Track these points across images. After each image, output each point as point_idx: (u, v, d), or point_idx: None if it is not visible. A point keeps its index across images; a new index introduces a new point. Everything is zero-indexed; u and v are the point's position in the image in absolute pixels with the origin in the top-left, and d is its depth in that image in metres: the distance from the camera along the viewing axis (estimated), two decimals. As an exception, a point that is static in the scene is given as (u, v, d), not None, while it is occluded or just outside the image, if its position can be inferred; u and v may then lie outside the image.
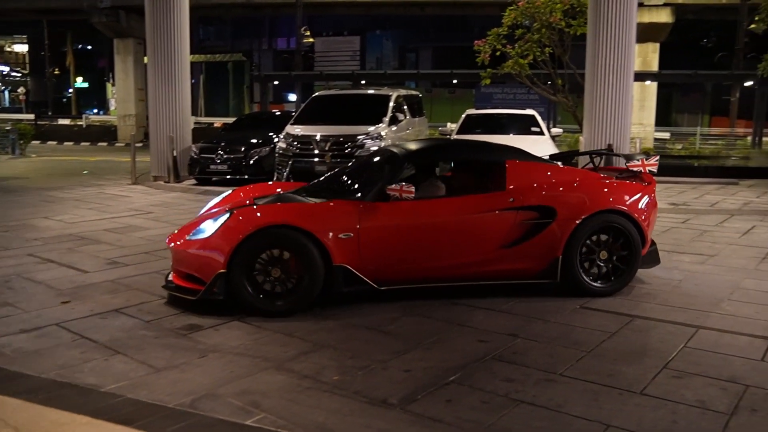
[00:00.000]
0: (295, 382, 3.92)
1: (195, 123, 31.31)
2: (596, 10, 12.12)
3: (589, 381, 3.93)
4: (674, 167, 16.62)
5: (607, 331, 4.77)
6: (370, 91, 13.30)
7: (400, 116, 12.24)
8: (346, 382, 3.92)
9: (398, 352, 4.38)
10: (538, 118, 12.33)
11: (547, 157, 6.85)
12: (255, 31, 47.19)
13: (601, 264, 5.67)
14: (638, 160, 6.28)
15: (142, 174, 14.37)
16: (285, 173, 11.33)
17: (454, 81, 30.59)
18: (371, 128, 11.22)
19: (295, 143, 11.35)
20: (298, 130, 11.62)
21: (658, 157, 6.36)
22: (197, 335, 4.73)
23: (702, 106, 41.34)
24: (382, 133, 11.23)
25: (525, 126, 12.07)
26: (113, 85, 35.63)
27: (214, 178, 13.27)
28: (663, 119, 36.82)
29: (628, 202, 5.75)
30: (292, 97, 36.00)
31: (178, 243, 5.45)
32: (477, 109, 15.23)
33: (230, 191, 6.60)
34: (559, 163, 6.62)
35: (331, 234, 5.15)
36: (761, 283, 6.18)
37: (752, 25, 19.04)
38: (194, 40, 44.79)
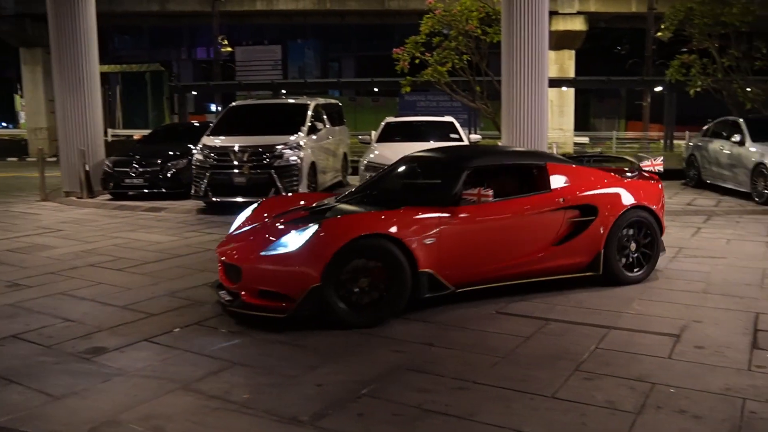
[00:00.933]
0: (202, 403, 3.78)
1: (113, 135, 30.45)
2: (509, 18, 12.35)
3: (502, 387, 3.94)
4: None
5: (521, 336, 4.81)
6: (288, 101, 13.16)
7: (319, 125, 12.15)
8: (256, 400, 3.81)
9: (312, 367, 4.29)
10: (457, 124, 12.48)
11: None
12: (174, 40, 46.20)
13: (633, 255, 6.27)
14: (649, 161, 6.97)
15: (54, 190, 13.78)
16: (203, 186, 11.07)
17: (375, 89, 30.72)
18: (290, 138, 11.09)
19: (212, 155, 11.10)
20: (215, 141, 11.38)
21: (662, 158, 7.05)
22: (101, 358, 4.51)
23: (618, 111, 42.91)
24: (301, 143, 11.11)
25: (444, 133, 12.18)
26: (22, 97, 34.17)
27: (130, 193, 12.85)
28: (582, 124, 37.97)
29: (650, 198, 6.43)
30: (216, 107, 35.39)
31: (252, 258, 5.20)
32: (400, 116, 15.30)
33: (255, 206, 6.40)
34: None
35: (416, 240, 5.18)
36: (670, 281, 6.38)
37: (659, 33, 19.82)
38: (109, 49, 43.60)
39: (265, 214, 6.11)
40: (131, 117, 41.14)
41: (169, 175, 12.71)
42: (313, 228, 5.09)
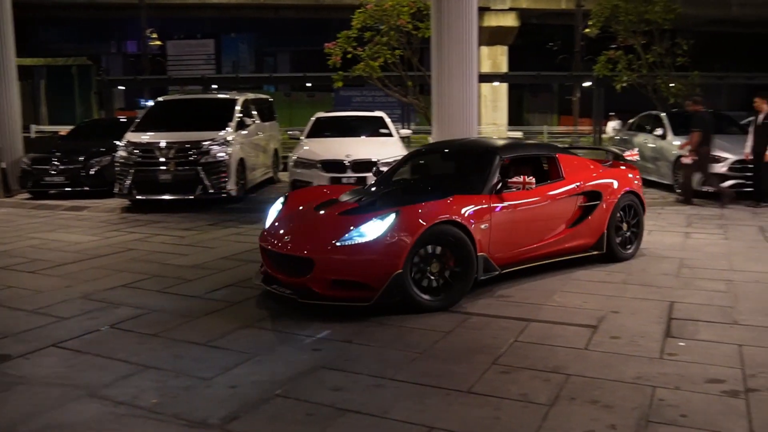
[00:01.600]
0: (108, 410, 3.62)
1: (36, 132, 29.25)
2: (438, 13, 12.37)
3: (419, 383, 3.90)
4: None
5: (441, 331, 4.80)
6: (216, 96, 12.89)
7: (249, 121, 11.94)
8: (165, 404, 3.68)
9: (226, 368, 4.18)
10: (387, 120, 12.45)
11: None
12: (104, 34, 44.83)
13: (625, 234, 7.01)
14: (628, 152, 8.02)
15: (-32, 189, 13.15)
16: (127, 184, 10.72)
17: (308, 84, 30.45)
18: (218, 134, 10.85)
19: (137, 151, 10.77)
20: (140, 137, 11.04)
21: (637, 149, 8.23)
22: (4, 366, 4.29)
23: (551, 106, 43.78)
24: (229, 139, 10.88)
25: (374, 128, 12.15)
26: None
27: (50, 191, 12.35)
28: (516, 119, 38.60)
29: (636, 183, 7.23)
30: (151, 103, 34.38)
31: (326, 249, 5.19)
32: (333, 112, 15.16)
33: (282, 199, 6.36)
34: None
35: (475, 226, 5.53)
36: (591, 273, 6.49)
37: (587, 30, 20.24)
38: (36, 42, 41.91)
39: (300, 207, 6.09)
40: (57, 112, 39.73)
41: (92, 172, 12.26)
42: (393, 216, 5.21)
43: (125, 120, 15.19)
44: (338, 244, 5.17)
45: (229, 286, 6.15)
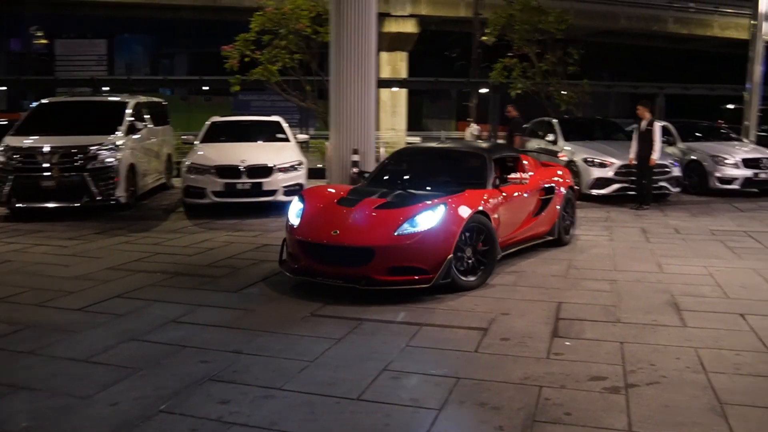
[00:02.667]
0: (-29, 435, 3.37)
1: None
2: (338, 18, 12.35)
3: (308, 393, 3.85)
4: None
5: (333, 338, 4.76)
6: (106, 98, 12.35)
7: (140, 125, 11.49)
8: (37, 428, 3.45)
9: (107, 385, 3.97)
10: (284, 124, 12.30)
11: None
12: (-15, 30, 42.21)
13: (565, 223, 8.15)
14: (561, 152, 10.46)
15: None
16: (5, 191, 10.07)
17: (205, 87, 29.79)
18: (106, 138, 10.38)
19: (17, 156, 10.14)
20: (20, 141, 10.41)
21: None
22: None
23: (449, 112, 44.66)
24: (119, 143, 10.43)
25: (270, 133, 11.97)
26: None
27: None
28: (415, 124, 39.09)
29: (570, 180, 8.59)
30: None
31: (386, 239, 5.73)
32: (229, 116, 14.85)
33: (299, 199, 6.65)
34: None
35: (492, 215, 6.42)
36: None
37: (484, 38, 20.81)
38: None
39: (321, 204, 6.44)
40: (-67, 114, 37.09)
41: (-35, 178, 11.43)
42: (442, 207, 5.94)
43: (6, 123, 14.34)
44: (396, 234, 5.77)
45: (114, 297, 5.88)
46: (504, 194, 6.86)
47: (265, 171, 10.33)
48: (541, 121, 15.24)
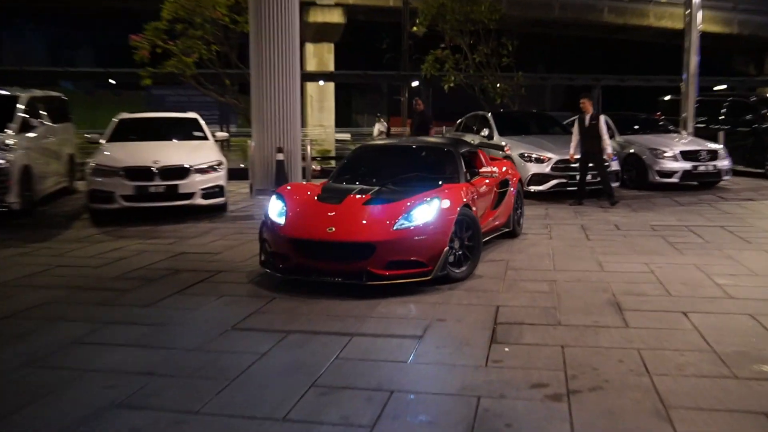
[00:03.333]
0: None
1: None
2: (258, 6, 12.21)
3: (229, 415, 3.71)
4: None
5: (256, 353, 4.63)
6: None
7: (35, 122, 10.96)
8: None
9: (1, 418, 3.74)
10: (201, 121, 12.02)
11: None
12: None
13: (516, 214, 8.83)
14: (507, 146, 11.72)
15: None
16: None
17: (112, 81, 28.93)
18: (-4, 137, 9.86)
19: None
20: None
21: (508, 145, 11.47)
22: None
23: (380, 107, 44.82)
24: (9, 142, 9.87)
25: (187, 131, 11.68)
26: None
27: None
28: (344, 120, 39.11)
29: (518, 174, 9.33)
30: None
31: (386, 234, 6.12)
32: (140, 113, 14.43)
33: (276, 198, 6.91)
34: None
35: (473, 208, 6.97)
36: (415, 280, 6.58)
37: (414, 28, 20.92)
38: None
39: (303, 203, 6.81)
40: None
41: None
42: (436, 200, 6.42)
43: None
44: (395, 228, 6.17)
45: (8, 317, 5.57)
46: (476, 187, 7.49)
47: (181, 172, 10.07)
48: (475, 115, 15.41)
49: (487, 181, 7.89)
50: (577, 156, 11.64)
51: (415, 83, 26.64)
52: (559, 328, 5.15)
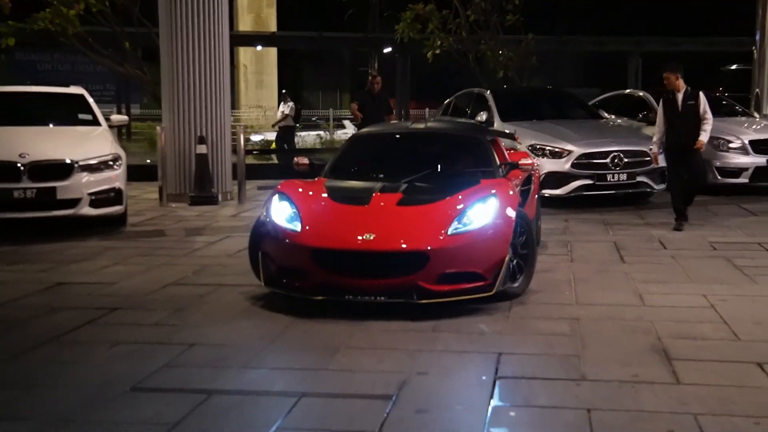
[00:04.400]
0: None
1: None
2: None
3: None
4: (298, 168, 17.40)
5: (164, 424, 4.55)
6: None
7: None
8: None
9: None
10: (90, 99, 11.90)
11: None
12: None
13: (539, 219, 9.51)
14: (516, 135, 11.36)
15: None
16: None
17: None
18: None
19: None
20: None
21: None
22: None
23: (340, 82, 44.95)
24: None
25: (69, 112, 11.56)
26: None
27: None
28: (292, 99, 39.08)
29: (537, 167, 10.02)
30: None
31: (440, 240, 6.65)
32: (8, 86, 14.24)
33: (279, 195, 7.39)
34: None
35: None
36: (387, 315, 6.56)
37: (386, -28, 20.98)
38: None
39: (318, 204, 7.31)
40: None
41: None
42: (492, 198, 6.98)
43: None
44: (449, 233, 6.68)
45: None
46: (513, 183, 8.03)
47: (61, 170, 10.00)
48: (468, 94, 15.49)
49: (519, 176, 8.52)
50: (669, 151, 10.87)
51: (387, 49, 26.75)
52: (583, 384, 5.14)
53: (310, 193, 7.54)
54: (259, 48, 29.57)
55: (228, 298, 7.36)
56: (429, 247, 6.59)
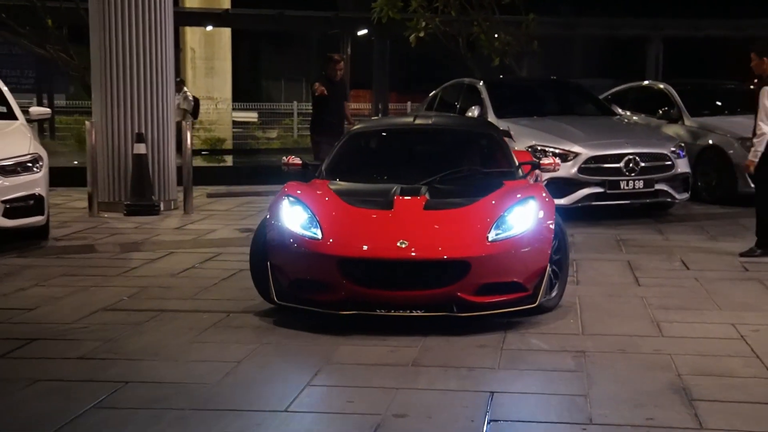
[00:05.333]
0: None
1: None
2: None
3: None
4: (264, 169, 17.45)
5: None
6: None
7: None
8: None
9: None
10: (4, 88, 11.83)
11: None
12: None
13: None
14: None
15: None
16: None
17: None
18: None
19: None
20: None
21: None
22: None
23: (306, 70, 44.92)
24: None
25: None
26: None
27: None
28: (249, 90, 39.03)
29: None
30: None
31: (481, 247, 7.10)
32: None
33: (291, 198, 7.68)
34: None
35: None
36: (356, 347, 6.58)
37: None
38: None
39: (337, 207, 7.68)
40: None
41: None
42: (533, 201, 7.54)
43: None
44: (490, 239, 7.14)
45: None
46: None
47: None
48: (458, 85, 15.53)
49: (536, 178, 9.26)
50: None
51: (362, 32, 26.80)
52: (590, 429, 5.17)
53: (325, 197, 7.84)
54: (209, 28, 29.48)
55: (170, 327, 7.31)
56: (470, 255, 6.99)
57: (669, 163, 12.40)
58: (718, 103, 15.33)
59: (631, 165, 12.33)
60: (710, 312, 7.75)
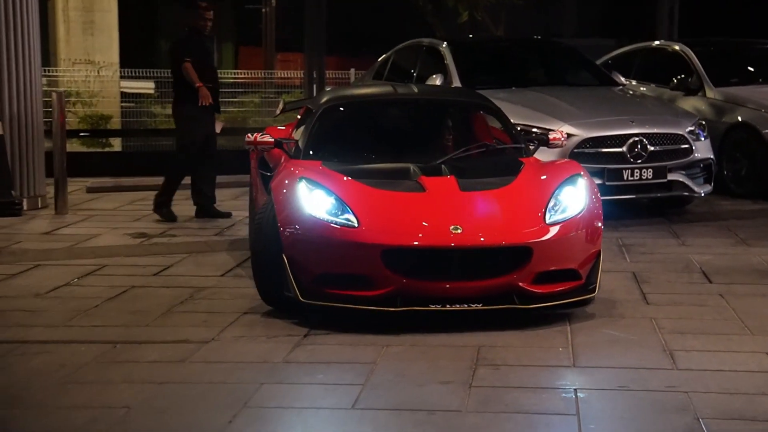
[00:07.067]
0: None
1: None
2: None
3: None
4: (163, 156, 17.40)
5: None
6: None
7: None
8: None
9: None
10: None
11: None
12: None
13: None
14: None
15: None
16: None
17: None
18: None
19: None
20: None
21: None
22: None
23: (218, 23, 44.80)
24: None
25: None
26: None
27: None
28: (141, 55, 38.88)
29: None
30: None
31: (542, 231, 7.89)
32: None
33: (307, 183, 8.15)
34: None
35: None
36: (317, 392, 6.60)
37: None
38: None
39: (363, 191, 8.24)
40: None
41: None
42: (581, 179, 8.40)
43: None
44: (549, 221, 7.97)
45: None
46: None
47: None
48: (415, 47, 15.58)
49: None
50: None
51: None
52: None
53: (342, 178, 8.36)
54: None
55: (35, 364, 7.19)
56: (532, 240, 7.82)
57: (686, 146, 12.43)
58: (750, 69, 15.34)
59: (637, 149, 12.35)
60: (738, 338, 7.80)
